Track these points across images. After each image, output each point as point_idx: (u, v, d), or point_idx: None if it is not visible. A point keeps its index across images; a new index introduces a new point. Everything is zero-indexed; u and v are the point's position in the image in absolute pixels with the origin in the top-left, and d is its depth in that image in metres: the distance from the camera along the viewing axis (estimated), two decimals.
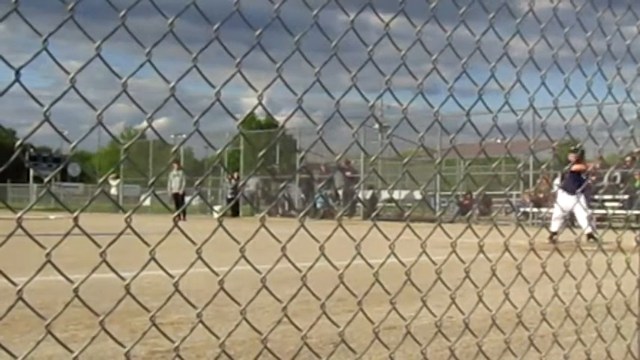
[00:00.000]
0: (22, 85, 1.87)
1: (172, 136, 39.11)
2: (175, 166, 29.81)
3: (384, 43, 2.80)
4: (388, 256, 2.89)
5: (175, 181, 31.61)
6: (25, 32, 2.00)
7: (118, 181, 43.42)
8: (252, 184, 36.60)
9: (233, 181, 36.64)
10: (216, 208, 33.84)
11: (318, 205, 33.49)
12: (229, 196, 36.39)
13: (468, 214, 27.24)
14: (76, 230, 2.08)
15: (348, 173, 34.43)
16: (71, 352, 2.24)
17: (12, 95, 1.97)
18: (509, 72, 3.33)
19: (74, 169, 62.22)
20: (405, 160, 3.03)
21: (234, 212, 33.67)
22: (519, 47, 3.32)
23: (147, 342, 2.66)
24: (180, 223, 2.30)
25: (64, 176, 60.26)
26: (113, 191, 42.47)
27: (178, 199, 31.06)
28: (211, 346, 4.21)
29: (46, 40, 1.87)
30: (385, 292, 2.95)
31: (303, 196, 36.61)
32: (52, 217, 27.87)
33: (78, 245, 2.55)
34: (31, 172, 54.16)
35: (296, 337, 3.90)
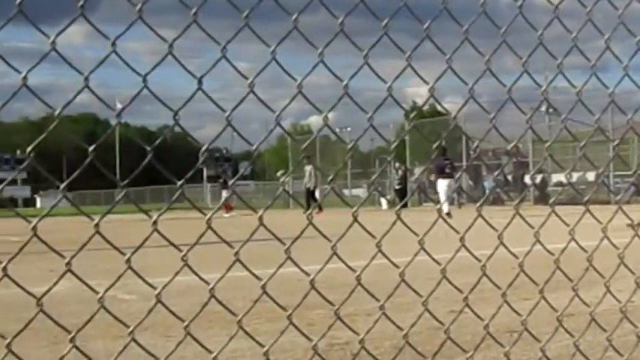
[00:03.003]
0: (205, 93, 1.94)
1: (337, 129, 39.53)
2: (306, 161, 30.16)
3: (547, 22, 2.74)
4: (569, 242, 2.83)
5: (306, 176, 32.06)
6: (194, 37, 2.07)
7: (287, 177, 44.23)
8: (418, 173, 36.51)
9: (400, 171, 36.63)
10: (383, 200, 33.94)
11: (487, 192, 32.98)
12: (397, 187, 36.43)
13: None
14: (248, 226, 2.14)
15: (516, 158, 33.74)
16: (262, 346, 2.31)
17: (182, 99, 2.04)
18: None
19: (245, 168, 63.93)
20: (582, 143, 2.96)
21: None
22: None
23: (325, 335, 2.71)
24: (322, 215, 2.33)
25: (236, 175, 61.98)
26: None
27: (310, 194, 31.48)
28: (387, 338, 4.24)
29: (224, 47, 1.94)
30: (561, 279, 2.89)
31: (471, 182, 36.20)
32: (226, 215, 28.81)
33: (253, 242, 2.62)
34: (205, 172, 56.01)
35: (472, 326, 3.87)
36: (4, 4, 1.82)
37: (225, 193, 34.57)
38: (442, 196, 21.99)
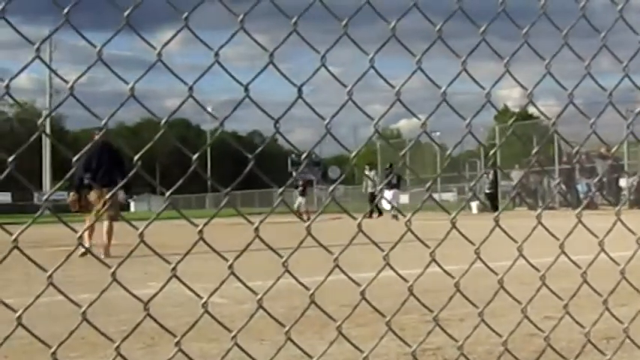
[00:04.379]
0: (305, 101, 1.96)
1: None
2: (368, 167, 30.19)
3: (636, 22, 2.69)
4: None
5: (369, 181, 32.18)
6: (285, 42, 2.08)
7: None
8: (516, 177, 36.05)
9: (491, 175, 36.23)
10: (473, 204, 33.62)
11: (581, 196, 32.39)
12: (487, 191, 36.08)
13: None
14: (337, 231, 2.16)
15: (609, 161, 33.00)
16: (361, 351, 2.33)
17: (274, 104, 2.07)
18: None
19: (334, 172, 64.06)
20: None
21: (493, 207, 33.32)
22: None
23: (416, 340, 2.72)
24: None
25: (325, 179, 62.08)
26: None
27: (373, 198, 31.58)
28: (480, 343, 4.20)
29: (323, 56, 1.96)
30: None
31: (563, 186, 35.55)
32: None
33: (339, 246, 2.64)
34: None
35: (566, 333, 3.81)
36: (103, 15, 1.88)
37: (302, 200, 34.53)
38: (386, 205, 25.78)
